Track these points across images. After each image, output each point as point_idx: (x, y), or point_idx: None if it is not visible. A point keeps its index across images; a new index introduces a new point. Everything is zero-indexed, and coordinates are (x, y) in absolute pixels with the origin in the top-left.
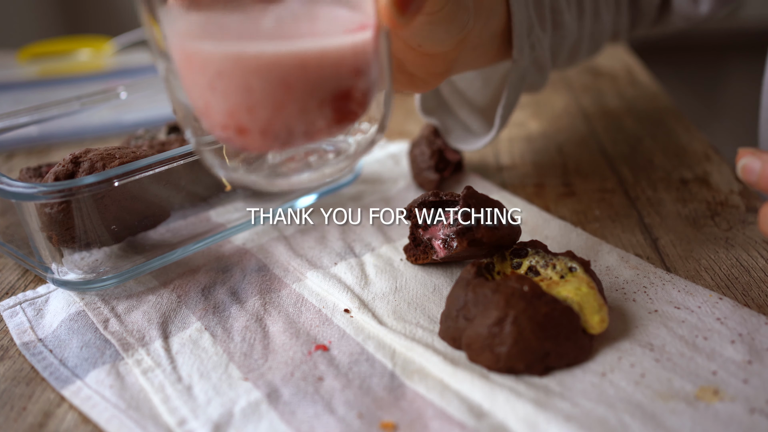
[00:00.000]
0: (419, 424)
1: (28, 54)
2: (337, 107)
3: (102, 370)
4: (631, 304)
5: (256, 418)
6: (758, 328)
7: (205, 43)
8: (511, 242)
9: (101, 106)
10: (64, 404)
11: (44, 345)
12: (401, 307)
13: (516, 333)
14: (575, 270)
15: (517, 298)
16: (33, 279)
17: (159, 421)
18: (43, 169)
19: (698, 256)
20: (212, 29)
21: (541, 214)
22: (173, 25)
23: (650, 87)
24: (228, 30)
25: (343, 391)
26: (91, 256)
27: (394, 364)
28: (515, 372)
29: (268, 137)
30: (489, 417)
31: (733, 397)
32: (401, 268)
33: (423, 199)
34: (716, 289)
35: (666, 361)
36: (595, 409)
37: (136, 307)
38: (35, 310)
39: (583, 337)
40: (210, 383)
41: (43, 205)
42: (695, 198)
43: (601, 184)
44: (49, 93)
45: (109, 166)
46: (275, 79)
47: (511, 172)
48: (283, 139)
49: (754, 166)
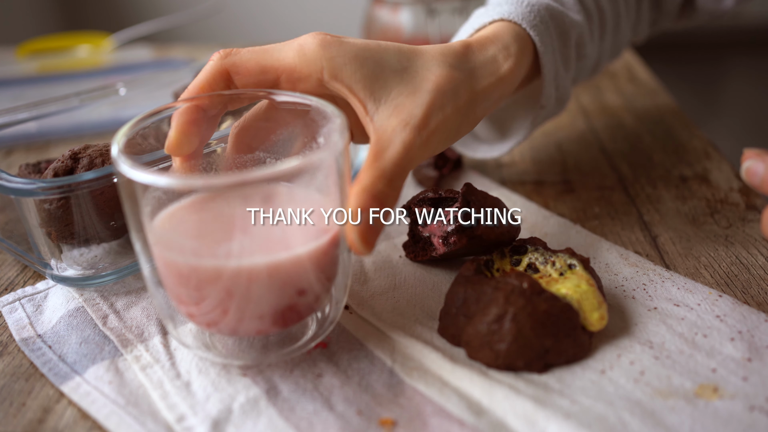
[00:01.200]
0: (418, 420)
1: (27, 50)
2: (278, 317)
3: (101, 366)
4: (630, 302)
5: (255, 415)
6: (758, 326)
7: (171, 252)
8: (511, 239)
9: (100, 102)
10: (63, 400)
11: (43, 341)
12: (400, 304)
13: (515, 330)
14: (574, 267)
15: (517, 295)
16: (32, 275)
17: (158, 417)
18: (42, 165)
19: (698, 254)
20: (177, 245)
21: (540, 211)
22: (156, 235)
23: (650, 84)
24: (189, 248)
25: (342, 388)
26: (90, 252)
27: (393, 361)
28: (514, 369)
29: (212, 329)
30: (488, 414)
31: (733, 395)
32: (400, 265)
33: (422, 196)
34: (716, 286)
35: (665, 358)
36: (595, 406)
37: (135, 303)
38: (34, 306)
39: (583, 335)
40: (209, 379)
41: (42, 201)
42: (695, 195)
43: (600, 181)
44: (48, 89)
45: (108, 162)
46: (222, 288)
47: (510, 169)
48: (227, 333)
49: (758, 169)
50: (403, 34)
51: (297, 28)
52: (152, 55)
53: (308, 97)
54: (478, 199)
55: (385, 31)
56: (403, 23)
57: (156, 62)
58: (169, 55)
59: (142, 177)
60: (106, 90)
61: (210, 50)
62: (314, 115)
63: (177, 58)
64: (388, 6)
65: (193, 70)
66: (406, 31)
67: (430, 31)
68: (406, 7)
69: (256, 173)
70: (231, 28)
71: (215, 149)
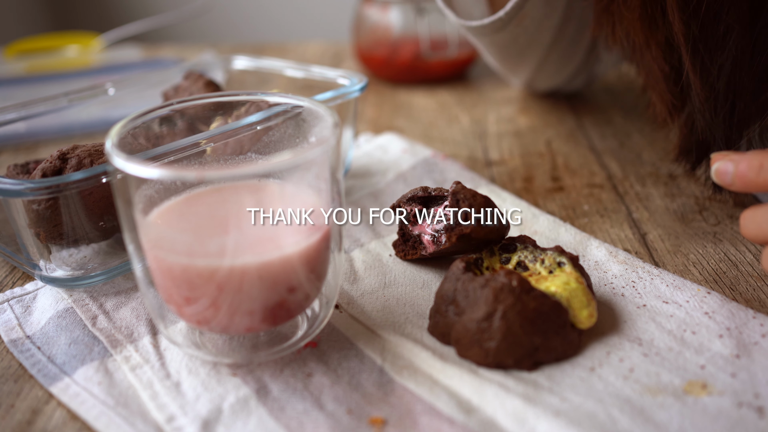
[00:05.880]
0: (408, 419)
1: (15, 50)
2: (268, 314)
3: (90, 367)
4: (619, 299)
5: (245, 414)
6: (746, 323)
7: (162, 250)
8: (500, 237)
9: (89, 102)
10: (53, 401)
11: (32, 342)
12: (390, 303)
13: (505, 328)
14: (564, 265)
15: (506, 293)
16: (21, 276)
17: (148, 418)
18: (30, 165)
19: (686, 251)
20: (169, 244)
21: (529, 209)
22: (148, 233)
23: (638, 81)
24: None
25: (332, 387)
26: (80, 252)
27: (383, 359)
28: (504, 367)
29: (203, 326)
30: (478, 412)
31: (721, 391)
32: (390, 263)
33: (411, 195)
34: (704, 283)
35: (654, 355)
36: (584, 403)
37: (125, 303)
38: (23, 307)
39: (572, 332)
40: (199, 379)
41: (30, 202)
42: (683, 193)
43: (589, 179)
44: (37, 89)
45: (97, 163)
46: (214, 285)
47: (500, 167)
48: (218, 330)
49: (728, 168)
50: (393, 32)
51: (287, 28)
52: (141, 55)
53: (300, 98)
54: (467, 198)
55: (375, 30)
56: (392, 22)
57: (145, 62)
58: (159, 54)
59: (137, 170)
60: (95, 90)
61: (199, 50)
62: (306, 115)
63: (166, 57)
64: (377, 5)
65: (182, 70)
66: (395, 29)
67: (420, 29)
68: (395, 6)
69: (250, 167)
70: (220, 28)
71: (205, 149)
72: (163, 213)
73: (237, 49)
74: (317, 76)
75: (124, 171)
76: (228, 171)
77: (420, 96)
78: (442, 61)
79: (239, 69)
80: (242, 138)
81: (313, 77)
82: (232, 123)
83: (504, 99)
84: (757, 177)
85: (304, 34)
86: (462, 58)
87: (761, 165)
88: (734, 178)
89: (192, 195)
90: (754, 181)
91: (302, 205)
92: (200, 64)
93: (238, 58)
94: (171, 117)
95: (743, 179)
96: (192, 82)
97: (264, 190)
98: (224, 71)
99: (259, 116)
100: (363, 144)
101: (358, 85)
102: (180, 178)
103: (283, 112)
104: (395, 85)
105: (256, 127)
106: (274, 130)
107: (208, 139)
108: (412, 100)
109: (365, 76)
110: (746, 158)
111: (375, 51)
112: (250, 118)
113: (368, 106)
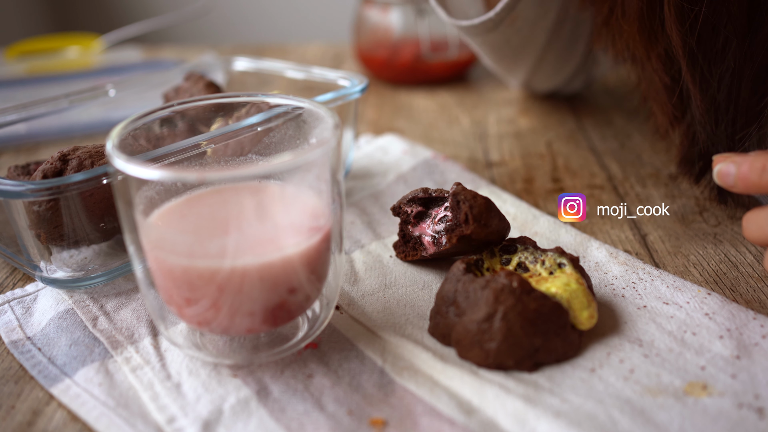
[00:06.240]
0: (409, 420)
1: (16, 51)
2: (269, 315)
3: (91, 368)
4: (620, 300)
5: (245, 416)
6: (746, 324)
7: (163, 251)
8: (501, 238)
9: (90, 103)
10: (53, 402)
11: (33, 343)
12: (391, 304)
13: (505, 329)
14: (564, 266)
15: (507, 294)
16: (21, 277)
17: (148, 419)
18: (31, 166)
19: (687, 252)
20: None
21: (530, 210)
22: (148, 234)
23: (637, 85)
24: (182, 248)
25: (332, 388)
26: (80, 254)
27: (384, 360)
28: (505, 368)
29: (203, 327)
30: (479, 413)
31: (722, 392)
32: (390, 265)
33: (412, 196)
34: (705, 284)
35: (655, 356)
36: (585, 404)
37: (125, 304)
38: (24, 309)
39: (572, 333)
40: (199, 380)
41: (31, 203)
42: (684, 194)
43: (590, 180)
44: (38, 90)
45: (98, 164)
46: (214, 286)
47: (500, 168)
48: (218, 332)
49: (729, 170)
50: (393, 34)
51: (287, 29)
52: (142, 56)
53: (301, 99)
54: (468, 199)
55: (375, 31)
56: (392, 23)
57: (146, 63)
58: (159, 56)
59: (137, 171)
60: (96, 91)
61: (200, 51)
62: (307, 117)
63: (167, 59)
64: (377, 6)
65: (182, 71)
66: (395, 31)
67: (420, 31)
68: (395, 7)
69: (250, 169)
70: (221, 29)
71: (206, 150)
72: (163, 214)
73: (237, 50)
74: (318, 77)
75: (124, 172)
76: (229, 172)
77: (420, 97)
78: (442, 62)
79: (240, 70)
80: (243, 139)
81: (313, 78)
82: (233, 124)
83: (504, 100)
84: (760, 179)
85: (305, 35)
86: (462, 59)
87: (764, 167)
88: (736, 179)
89: (193, 196)
90: (756, 182)
91: (303, 206)
92: (201, 66)
93: (239, 59)
94: (172, 118)
95: (745, 181)
96: (192, 84)
97: (265, 192)
98: (225, 72)
99: (259, 117)
100: (363, 145)
101: (358, 86)
102: (181, 180)
103: (283, 114)
104: (396, 86)
105: (256, 128)
106: (275, 132)
107: (209, 140)
108: (413, 102)
109: (366, 77)
110: (748, 160)
111: (375, 52)
112: (250, 120)
113: (369, 107)
